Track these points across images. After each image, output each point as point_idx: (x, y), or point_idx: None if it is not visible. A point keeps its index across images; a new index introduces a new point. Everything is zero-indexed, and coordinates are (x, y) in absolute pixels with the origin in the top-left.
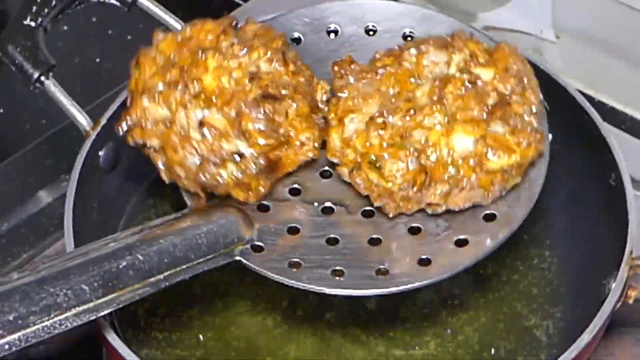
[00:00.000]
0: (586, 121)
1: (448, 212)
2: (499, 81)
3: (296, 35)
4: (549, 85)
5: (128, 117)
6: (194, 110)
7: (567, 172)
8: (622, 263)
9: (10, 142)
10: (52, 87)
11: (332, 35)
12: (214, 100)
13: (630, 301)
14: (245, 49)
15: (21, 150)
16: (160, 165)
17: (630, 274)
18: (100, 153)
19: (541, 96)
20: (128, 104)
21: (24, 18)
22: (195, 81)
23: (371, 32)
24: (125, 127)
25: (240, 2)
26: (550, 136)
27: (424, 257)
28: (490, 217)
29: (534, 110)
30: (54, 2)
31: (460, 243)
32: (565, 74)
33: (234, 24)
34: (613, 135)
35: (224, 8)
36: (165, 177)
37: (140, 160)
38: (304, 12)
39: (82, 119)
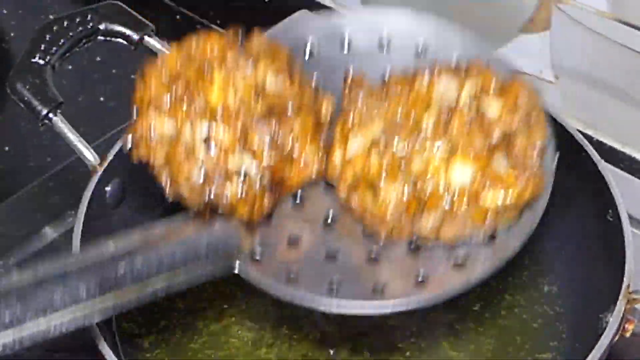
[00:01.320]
0: (585, 159)
1: None
2: (506, 115)
3: (309, 44)
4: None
5: (134, 131)
6: (200, 125)
7: (566, 209)
8: (619, 297)
9: (16, 179)
10: (60, 123)
11: (346, 45)
12: (220, 115)
13: (627, 334)
14: (251, 63)
15: (27, 186)
16: (165, 182)
17: (627, 308)
18: (107, 189)
19: (548, 133)
20: (134, 118)
21: (32, 56)
22: (201, 96)
23: (385, 43)
24: (130, 142)
25: None
26: (554, 166)
27: (420, 278)
28: (489, 242)
29: (538, 148)
30: (62, 41)
31: (459, 265)
32: (565, 114)
33: (239, 37)
34: (611, 173)
35: None
36: (169, 195)
37: (145, 195)
38: (318, 21)
39: (89, 155)
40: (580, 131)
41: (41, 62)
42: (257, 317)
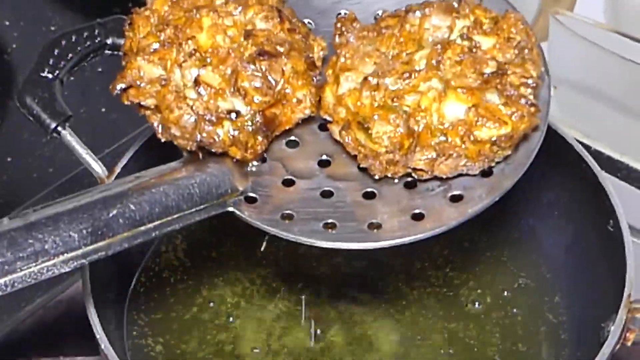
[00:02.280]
0: (584, 169)
1: None
2: (499, 50)
3: None
4: (547, 135)
5: (123, 78)
6: (189, 69)
7: (567, 219)
8: (620, 306)
9: (19, 190)
10: (69, 137)
11: None
12: (209, 59)
13: (629, 343)
14: (239, 7)
15: (32, 198)
16: (156, 125)
17: (628, 317)
18: None
19: (543, 68)
20: (123, 64)
21: (41, 70)
22: (189, 40)
23: None
24: (120, 88)
25: None
26: (550, 98)
27: (417, 211)
28: (486, 174)
29: (532, 83)
30: (70, 55)
31: (455, 199)
32: (563, 124)
33: None
34: (610, 183)
35: None
36: (161, 137)
37: None
38: None
39: (97, 168)
40: (578, 140)
41: (50, 76)
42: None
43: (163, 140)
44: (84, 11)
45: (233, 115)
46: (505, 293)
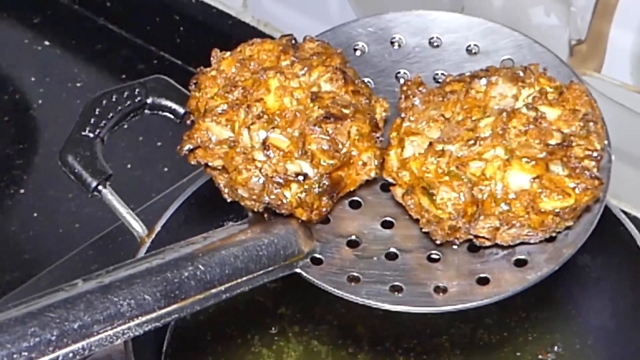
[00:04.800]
0: (622, 233)
1: None
2: (564, 122)
3: (360, 45)
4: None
5: (192, 139)
6: (257, 131)
7: (603, 283)
8: None
9: (48, 247)
10: (109, 195)
11: (396, 45)
12: (277, 121)
13: None
14: (305, 68)
15: (63, 255)
16: (223, 186)
17: None
18: None
19: (606, 141)
20: (190, 123)
21: (82, 129)
22: (257, 102)
23: (435, 44)
24: (187, 148)
25: None
26: (610, 166)
27: (482, 275)
28: (549, 239)
29: (596, 156)
30: (110, 114)
31: (520, 263)
32: None
33: (292, 42)
34: None
35: None
36: (227, 197)
37: None
38: (369, 22)
39: (137, 226)
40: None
41: (91, 135)
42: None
43: (229, 200)
44: (109, 68)
45: (300, 177)
46: (540, 357)
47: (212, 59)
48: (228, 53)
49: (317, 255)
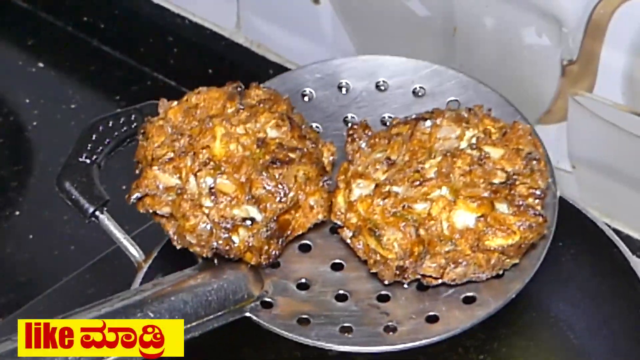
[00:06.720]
0: (615, 253)
1: None
2: (508, 161)
3: (307, 90)
4: (577, 219)
5: (139, 188)
6: (204, 177)
7: (595, 302)
8: None
9: (44, 269)
10: (107, 221)
11: (344, 90)
12: (224, 167)
13: None
14: (250, 115)
15: (62, 278)
16: (172, 233)
17: None
18: None
19: (550, 179)
20: (137, 172)
21: (79, 155)
22: (204, 149)
23: (382, 88)
24: (135, 197)
25: None
26: (556, 204)
27: (431, 313)
28: (497, 275)
29: (539, 194)
30: (107, 140)
31: (468, 300)
32: (582, 203)
33: (238, 89)
34: None
35: None
36: (176, 244)
37: None
38: (316, 68)
39: (134, 252)
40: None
41: (87, 161)
42: None
43: (178, 247)
44: (104, 89)
45: (248, 222)
46: None
47: (160, 109)
48: (175, 102)
49: (267, 299)
